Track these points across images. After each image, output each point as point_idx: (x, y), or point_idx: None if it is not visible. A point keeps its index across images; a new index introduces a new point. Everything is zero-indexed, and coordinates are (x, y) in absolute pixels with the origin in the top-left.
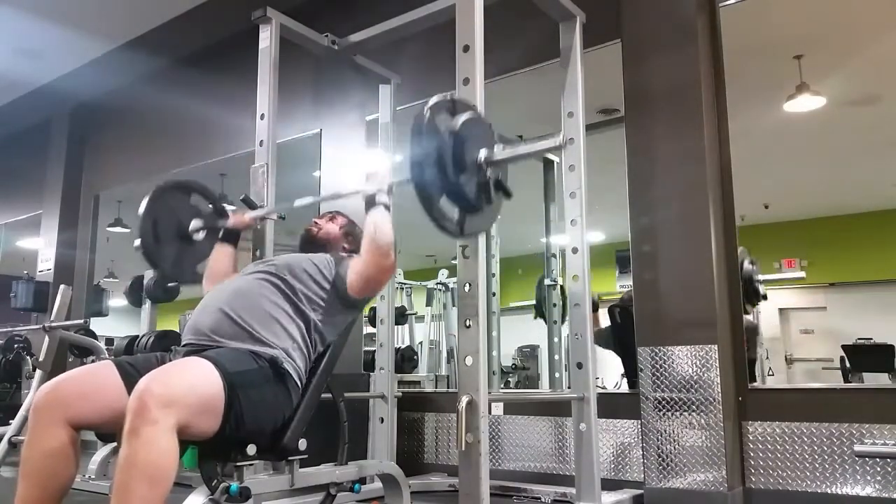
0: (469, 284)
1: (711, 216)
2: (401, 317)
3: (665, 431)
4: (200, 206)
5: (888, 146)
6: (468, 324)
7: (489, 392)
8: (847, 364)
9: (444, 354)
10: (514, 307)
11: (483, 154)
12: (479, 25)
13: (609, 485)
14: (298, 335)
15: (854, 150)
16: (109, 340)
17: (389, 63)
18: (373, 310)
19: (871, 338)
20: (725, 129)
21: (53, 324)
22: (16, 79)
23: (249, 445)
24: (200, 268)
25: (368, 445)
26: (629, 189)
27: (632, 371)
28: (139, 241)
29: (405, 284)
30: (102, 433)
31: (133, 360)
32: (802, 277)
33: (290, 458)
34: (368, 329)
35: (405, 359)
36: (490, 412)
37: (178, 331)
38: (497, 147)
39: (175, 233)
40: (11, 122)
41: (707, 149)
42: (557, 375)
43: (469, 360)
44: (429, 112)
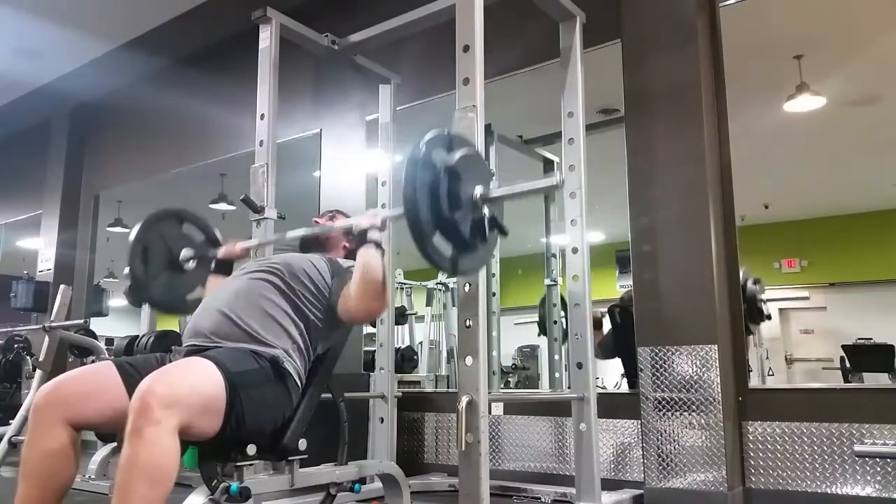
0: (469, 284)
1: (711, 216)
2: (401, 317)
3: (665, 431)
4: (193, 235)
5: (888, 146)
6: (468, 324)
7: (489, 392)
8: (847, 364)
9: (444, 354)
10: (515, 307)
11: (479, 191)
12: (479, 25)
13: (609, 485)
14: (298, 335)
15: (854, 150)
16: (109, 340)
17: (389, 63)
18: None
19: (871, 338)
20: (725, 129)
21: (53, 324)
22: (16, 79)
23: (249, 445)
24: (191, 297)
25: (368, 445)
26: (629, 189)
27: (632, 371)
28: (128, 270)
29: (405, 284)
30: (102, 433)
31: (133, 361)
32: (807, 297)
33: (290, 458)
34: (368, 329)
35: (405, 359)
36: (490, 412)
37: (178, 331)
38: (493, 184)
39: (165, 261)
40: (11, 122)
41: (707, 149)
42: (557, 375)
43: (469, 360)
44: (424, 147)
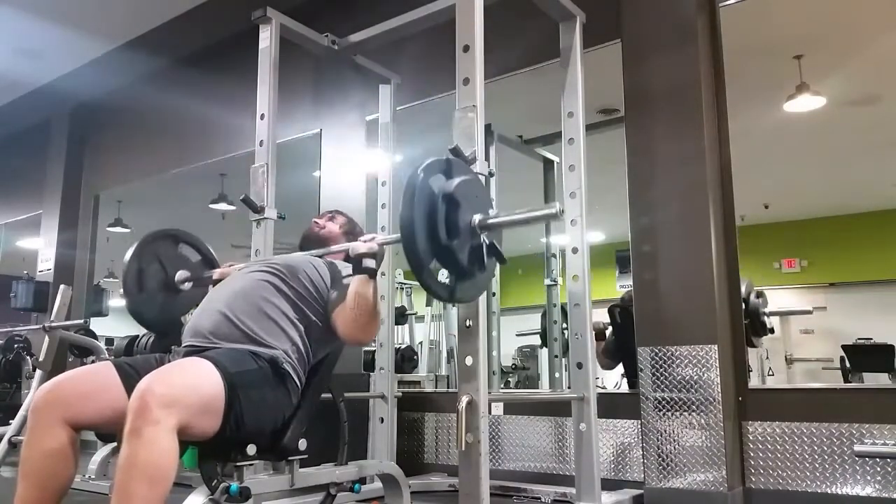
0: None
1: (711, 216)
2: (401, 317)
3: (665, 431)
4: (188, 256)
5: (888, 146)
6: (468, 324)
7: (489, 392)
8: (847, 364)
9: (444, 354)
10: (515, 307)
11: (477, 218)
12: (479, 25)
13: (609, 485)
14: (297, 337)
15: (854, 150)
16: (109, 340)
17: (389, 63)
18: None
19: (871, 338)
20: (725, 129)
21: (53, 324)
22: (16, 79)
23: (249, 445)
24: (186, 319)
25: (368, 445)
26: (629, 189)
27: (632, 371)
28: (122, 291)
29: (405, 284)
30: (102, 433)
31: (132, 361)
32: (810, 311)
33: (290, 458)
34: None
35: (405, 359)
36: (490, 412)
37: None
38: (492, 211)
39: (161, 282)
40: (11, 122)
41: (707, 149)
42: (557, 375)
43: (469, 360)
44: (422, 174)
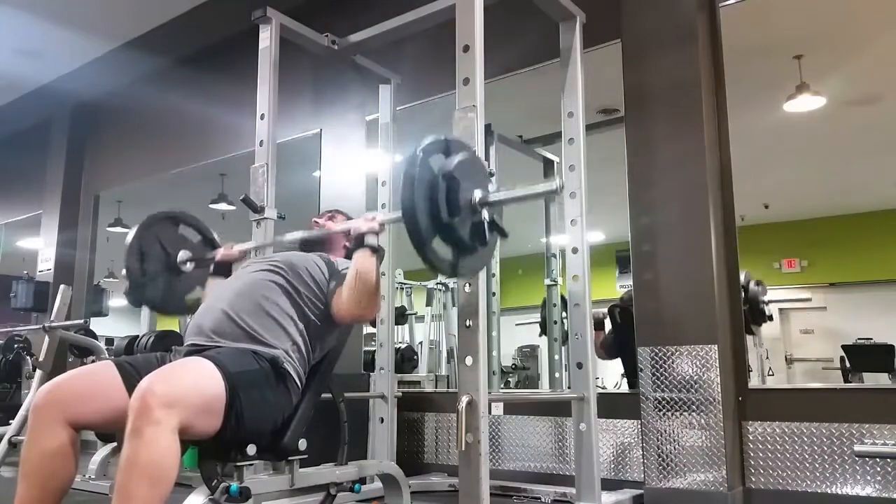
0: (469, 284)
1: (711, 216)
2: (401, 317)
3: (665, 431)
4: (190, 237)
5: (888, 146)
6: (468, 324)
7: (489, 392)
8: (847, 364)
9: (444, 354)
10: (515, 307)
11: (478, 195)
12: (479, 25)
13: (609, 485)
14: (298, 336)
15: (854, 150)
16: (109, 340)
17: (389, 63)
18: None
19: (871, 338)
20: (725, 129)
21: (53, 324)
22: (16, 79)
23: (249, 445)
24: (189, 298)
25: (368, 445)
26: (629, 189)
27: (632, 371)
28: (125, 272)
29: (405, 284)
30: (102, 433)
31: (133, 361)
32: (808, 299)
33: (290, 458)
34: (368, 329)
35: (405, 359)
36: (490, 412)
37: (178, 331)
38: (492, 188)
39: (163, 263)
40: (11, 122)
41: (707, 149)
42: (557, 375)
43: (469, 360)
44: (421, 154)
